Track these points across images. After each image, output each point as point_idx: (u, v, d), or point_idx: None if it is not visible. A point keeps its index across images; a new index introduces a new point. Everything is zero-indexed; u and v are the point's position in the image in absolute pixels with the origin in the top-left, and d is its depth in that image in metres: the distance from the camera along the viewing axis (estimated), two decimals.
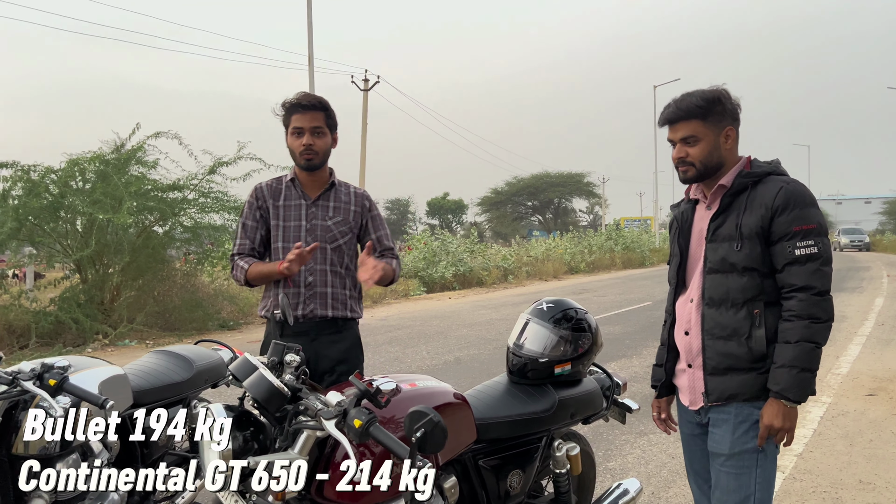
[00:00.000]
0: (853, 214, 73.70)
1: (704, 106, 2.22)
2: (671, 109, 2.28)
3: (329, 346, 2.84)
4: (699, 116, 2.22)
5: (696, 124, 2.23)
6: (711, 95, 2.24)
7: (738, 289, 2.20)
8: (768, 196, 2.17)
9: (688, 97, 2.26)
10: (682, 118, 2.24)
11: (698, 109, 2.22)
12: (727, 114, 2.25)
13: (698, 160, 2.25)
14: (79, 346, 10.25)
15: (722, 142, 2.25)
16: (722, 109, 2.24)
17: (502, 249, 27.61)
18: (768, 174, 2.23)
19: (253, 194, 3.02)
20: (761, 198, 2.18)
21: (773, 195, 2.16)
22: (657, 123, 2.36)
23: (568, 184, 62.29)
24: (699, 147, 2.24)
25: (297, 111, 2.86)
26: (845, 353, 8.40)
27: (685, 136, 2.25)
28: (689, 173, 2.28)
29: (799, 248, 2.12)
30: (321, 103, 2.90)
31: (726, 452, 2.23)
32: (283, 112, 2.92)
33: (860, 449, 4.88)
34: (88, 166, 10.84)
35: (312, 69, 19.53)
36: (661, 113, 2.32)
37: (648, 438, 5.21)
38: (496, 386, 2.78)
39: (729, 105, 2.25)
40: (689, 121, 2.23)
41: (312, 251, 2.72)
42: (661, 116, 2.31)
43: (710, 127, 2.23)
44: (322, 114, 2.88)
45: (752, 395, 2.19)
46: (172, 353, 3.46)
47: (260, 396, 1.88)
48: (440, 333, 10.93)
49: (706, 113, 2.22)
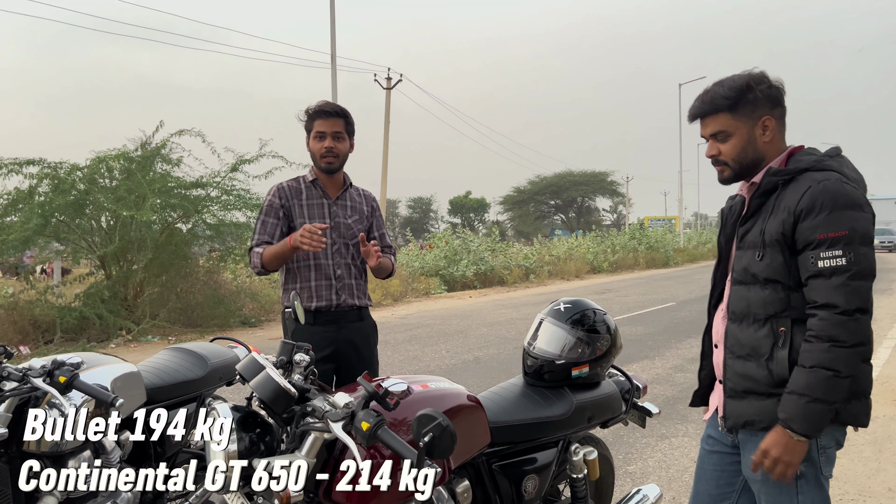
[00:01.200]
0: (884, 215, 72.04)
1: (731, 96, 1.97)
2: (696, 103, 2.05)
3: (356, 332, 3.16)
4: (727, 109, 1.98)
5: (725, 118, 1.99)
6: (740, 83, 1.98)
7: (759, 302, 1.95)
8: (793, 198, 1.89)
9: (715, 87, 2.02)
10: (709, 112, 2.01)
11: (725, 101, 1.98)
12: (762, 101, 1.98)
13: (731, 158, 2.02)
14: (102, 341, 10.36)
15: (759, 134, 1.99)
16: (754, 98, 1.97)
17: (524, 248, 27.47)
18: (805, 170, 1.93)
19: (275, 194, 3.19)
20: (788, 199, 1.91)
21: (798, 197, 1.88)
22: (687, 119, 2.11)
23: (591, 183, 61.99)
24: (731, 143, 2.00)
25: (319, 117, 3.10)
26: (875, 357, 8.19)
27: (714, 131, 2.02)
28: (725, 173, 2.06)
29: (823, 260, 1.83)
30: (342, 111, 3.15)
31: (759, 479, 2.00)
32: (306, 118, 3.16)
33: (889, 456, 4.75)
34: (114, 164, 10.96)
35: (335, 67, 19.55)
36: (689, 108, 2.09)
37: (670, 442, 5.11)
38: (511, 388, 2.72)
39: (763, 91, 1.98)
40: (717, 115, 2.00)
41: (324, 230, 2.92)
42: (689, 111, 2.08)
43: (742, 119, 1.98)
44: (342, 120, 3.13)
45: (770, 424, 1.92)
46: (187, 351, 3.44)
47: (266, 397, 1.84)
48: (460, 332, 10.88)
49: (735, 104, 1.97)
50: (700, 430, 5.38)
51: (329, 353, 3.05)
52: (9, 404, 2.37)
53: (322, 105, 3.14)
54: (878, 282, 10.10)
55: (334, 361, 3.07)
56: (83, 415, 2.49)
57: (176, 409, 3.23)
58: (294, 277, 3.13)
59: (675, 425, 5.52)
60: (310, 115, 3.14)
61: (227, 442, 1.76)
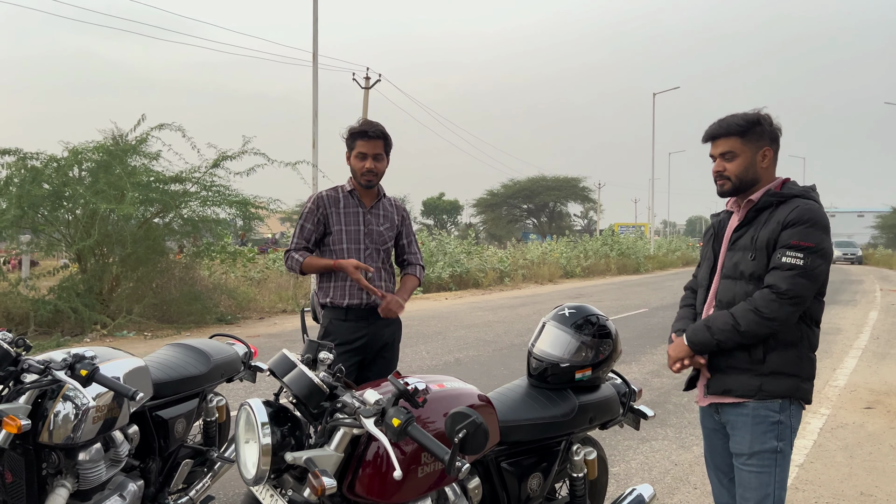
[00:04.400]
0: (846, 227, 74.11)
1: (744, 125, 2.42)
2: (714, 126, 2.48)
3: (384, 329, 3.41)
4: (738, 134, 2.42)
5: (735, 141, 2.43)
6: (752, 117, 2.43)
7: (743, 294, 2.38)
8: (783, 213, 2.35)
9: (731, 117, 2.46)
10: (723, 135, 2.45)
11: (738, 127, 2.42)
12: (765, 135, 2.44)
13: (734, 175, 2.44)
14: (77, 335, 10.23)
15: (759, 160, 2.43)
16: (761, 130, 2.43)
17: (498, 251, 27.63)
18: (795, 196, 2.39)
19: (315, 202, 3.44)
20: (779, 215, 2.36)
21: (787, 213, 2.34)
22: (701, 140, 2.54)
23: (563, 188, 62.47)
24: (736, 163, 2.43)
25: (362, 138, 3.32)
26: (842, 366, 8.48)
27: (724, 151, 2.45)
28: (725, 186, 2.47)
29: (787, 257, 2.28)
30: (382, 133, 3.36)
31: (747, 452, 2.40)
32: (348, 135, 3.38)
33: (860, 461, 4.94)
34: (91, 156, 10.82)
35: (317, 66, 19.49)
36: (705, 130, 2.52)
37: (651, 445, 5.26)
38: (517, 389, 2.81)
39: (768, 127, 2.44)
40: (729, 137, 2.43)
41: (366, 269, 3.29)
42: (705, 133, 2.51)
43: (748, 145, 2.42)
44: (382, 142, 3.35)
45: (744, 392, 2.38)
46: (190, 347, 3.48)
47: (301, 393, 1.90)
48: (438, 334, 10.95)
49: (745, 131, 2.42)
50: (679, 433, 5.55)
51: (358, 346, 3.31)
52: (28, 396, 2.40)
53: (365, 126, 3.34)
54: (843, 293, 10.65)
55: (362, 354, 3.33)
56: (95, 408, 2.53)
57: (180, 403, 3.30)
58: (330, 276, 3.37)
59: (655, 429, 5.67)
60: (352, 134, 3.35)
61: (267, 437, 1.82)
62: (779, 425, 2.38)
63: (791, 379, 2.37)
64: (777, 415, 2.37)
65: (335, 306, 3.35)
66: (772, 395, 2.36)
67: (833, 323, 12.37)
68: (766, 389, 2.36)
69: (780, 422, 2.38)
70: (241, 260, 15.22)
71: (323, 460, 1.87)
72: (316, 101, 16.89)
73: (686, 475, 4.62)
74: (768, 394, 2.36)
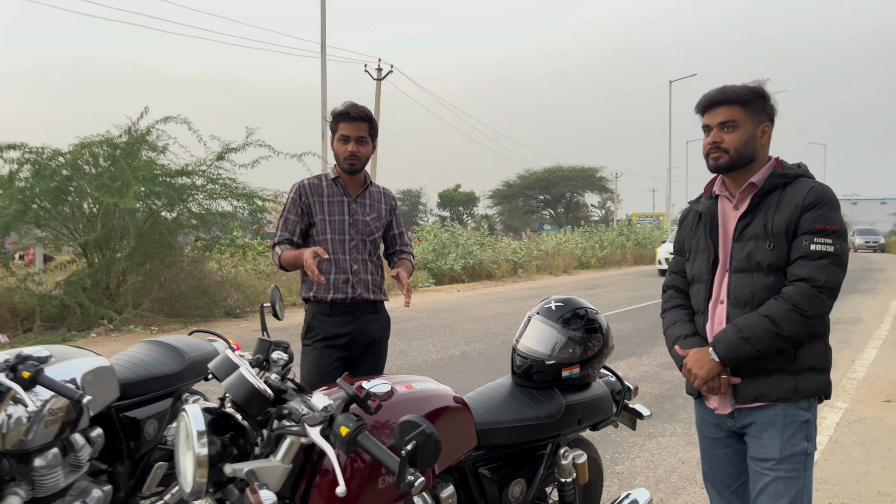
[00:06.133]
0: (868, 215, 72.89)
1: (748, 94, 2.19)
2: (714, 92, 2.23)
3: (370, 324, 3.24)
4: (741, 103, 2.19)
5: (737, 110, 2.19)
6: (756, 88, 2.22)
7: (764, 288, 2.15)
8: (798, 195, 2.14)
9: (733, 85, 2.23)
10: (724, 102, 2.20)
11: (741, 96, 2.19)
12: (766, 110, 2.23)
13: (733, 147, 2.19)
14: (83, 330, 10.19)
15: (758, 135, 2.21)
16: (763, 104, 2.22)
17: (512, 243, 27.40)
18: (799, 176, 2.21)
19: (297, 191, 3.26)
20: (791, 197, 2.15)
21: (803, 194, 2.13)
22: (695, 108, 2.30)
23: (580, 178, 61.93)
24: (736, 134, 2.19)
25: (344, 120, 3.14)
26: (861, 357, 8.18)
27: (724, 119, 2.19)
28: (721, 160, 2.21)
29: (815, 244, 2.08)
30: (366, 115, 3.19)
31: (777, 456, 2.16)
32: (332, 119, 3.22)
33: (878, 458, 4.70)
34: (97, 149, 10.75)
35: (325, 57, 19.35)
36: (700, 98, 2.26)
37: (658, 441, 5.05)
38: (499, 388, 2.62)
39: (769, 102, 2.24)
40: (731, 105, 2.19)
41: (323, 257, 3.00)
42: (700, 100, 2.26)
43: (750, 117, 2.20)
44: (366, 124, 3.18)
45: (780, 395, 2.15)
46: (164, 344, 3.33)
47: (239, 398, 1.73)
48: (447, 327, 10.79)
49: (748, 101, 2.19)
50: (688, 429, 5.32)
51: (343, 343, 3.15)
52: None
53: (348, 108, 3.16)
54: (864, 282, 10.28)
55: (347, 351, 3.17)
56: (48, 411, 2.38)
57: (151, 404, 3.15)
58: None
59: (662, 424, 5.46)
60: (335, 117, 3.19)
61: (202, 448, 1.65)
62: (807, 425, 2.18)
63: (823, 374, 2.19)
64: (806, 413, 2.17)
65: (319, 300, 3.18)
66: (807, 395, 2.16)
67: (853, 312, 12.02)
68: (801, 389, 2.15)
69: (808, 421, 2.18)
70: (252, 253, 15.14)
71: (266, 472, 1.69)
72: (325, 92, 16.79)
73: (693, 474, 4.42)
74: (804, 393, 2.16)
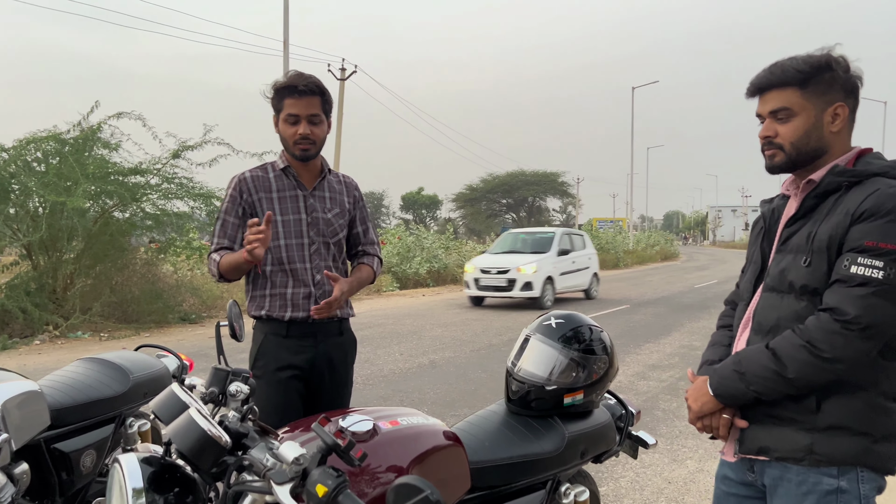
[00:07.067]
0: None
1: (806, 71, 1.69)
2: (764, 73, 1.75)
3: (334, 349, 2.66)
4: (797, 84, 1.70)
5: (792, 93, 1.71)
6: (818, 60, 1.70)
7: (792, 316, 1.69)
8: (855, 200, 1.64)
9: (788, 60, 1.73)
10: (775, 85, 1.73)
11: (797, 74, 1.70)
12: (838, 85, 1.71)
13: (789, 141, 1.73)
14: (26, 337, 9.58)
15: (827, 121, 1.71)
16: (831, 78, 1.70)
17: (477, 247, 27.14)
18: (875, 175, 1.67)
19: (235, 187, 2.61)
20: (848, 203, 1.65)
21: (860, 199, 1.63)
22: (746, 93, 1.83)
23: (542, 183, 62.21)
24: (792, 124, 1.72)
25: (291, 95, 2.50)
26: None
27: (775, 108, 1.73)
28: (777, 158, 1.76)
29: (858, 266, 1.58)
30: (318, 86, 2.54)
31: None
32: (274, 94, 2.56)
33: None
34: (45, 145, 10.14)
35: (287, 55, 18.85)
36: (752, 79, 1.79)
37: (641, 460, 4.78)
38: (492, 418, 2.30)
39: (841, 74, 1.70)
40: (784, 88, 1.72)
41: (269, 223, 2.35)
42: (751, 83, 1.80)
43: (811, 99, 1.70)
44: (319, 99, 2.54)
45: (786, 454, 1.69)
46: (105, 362, 2.93)
47: (187, 448, 1.36)
48: (413, 333, 10.43)
49: (807, 79, 1.69)
50: (671, 444, 5.07)
51: (301, 371, 2.56)
52: None
53: (294, 79, 2.51)
54: None
55: (306, 379, 2.58)
56: None
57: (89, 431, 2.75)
58: (264, 283, 2.58)
59: None
60: (278, 91, 2.53)
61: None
62: (837, 495, 1.65)
63: (857, 439, 1.64)
64: (835, 481, 1.65)
65: (273, 319, 2.57)
66: (828, 461, 1.65)
67: None
68: (818, 452, 1.65)
69: (840, 490, 1.65)
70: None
71: None
72: None
73: (681, 495, 4.16)
74: (823, 458, 1.65)
